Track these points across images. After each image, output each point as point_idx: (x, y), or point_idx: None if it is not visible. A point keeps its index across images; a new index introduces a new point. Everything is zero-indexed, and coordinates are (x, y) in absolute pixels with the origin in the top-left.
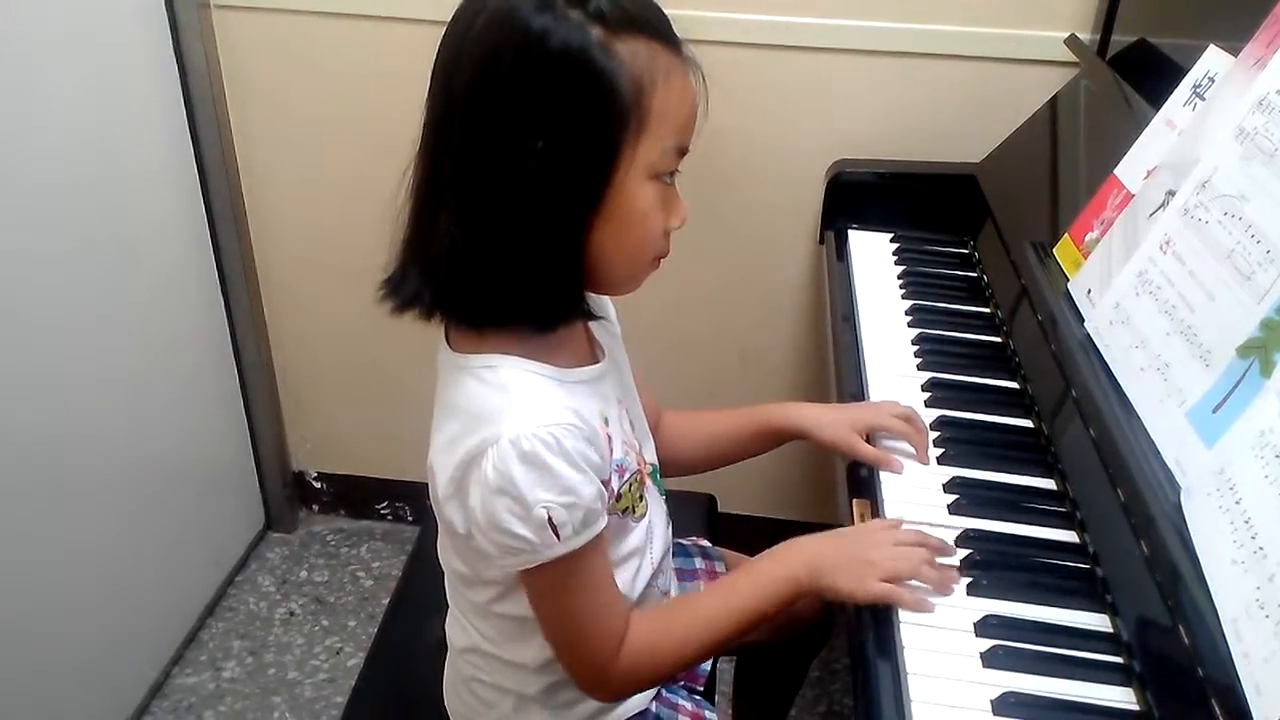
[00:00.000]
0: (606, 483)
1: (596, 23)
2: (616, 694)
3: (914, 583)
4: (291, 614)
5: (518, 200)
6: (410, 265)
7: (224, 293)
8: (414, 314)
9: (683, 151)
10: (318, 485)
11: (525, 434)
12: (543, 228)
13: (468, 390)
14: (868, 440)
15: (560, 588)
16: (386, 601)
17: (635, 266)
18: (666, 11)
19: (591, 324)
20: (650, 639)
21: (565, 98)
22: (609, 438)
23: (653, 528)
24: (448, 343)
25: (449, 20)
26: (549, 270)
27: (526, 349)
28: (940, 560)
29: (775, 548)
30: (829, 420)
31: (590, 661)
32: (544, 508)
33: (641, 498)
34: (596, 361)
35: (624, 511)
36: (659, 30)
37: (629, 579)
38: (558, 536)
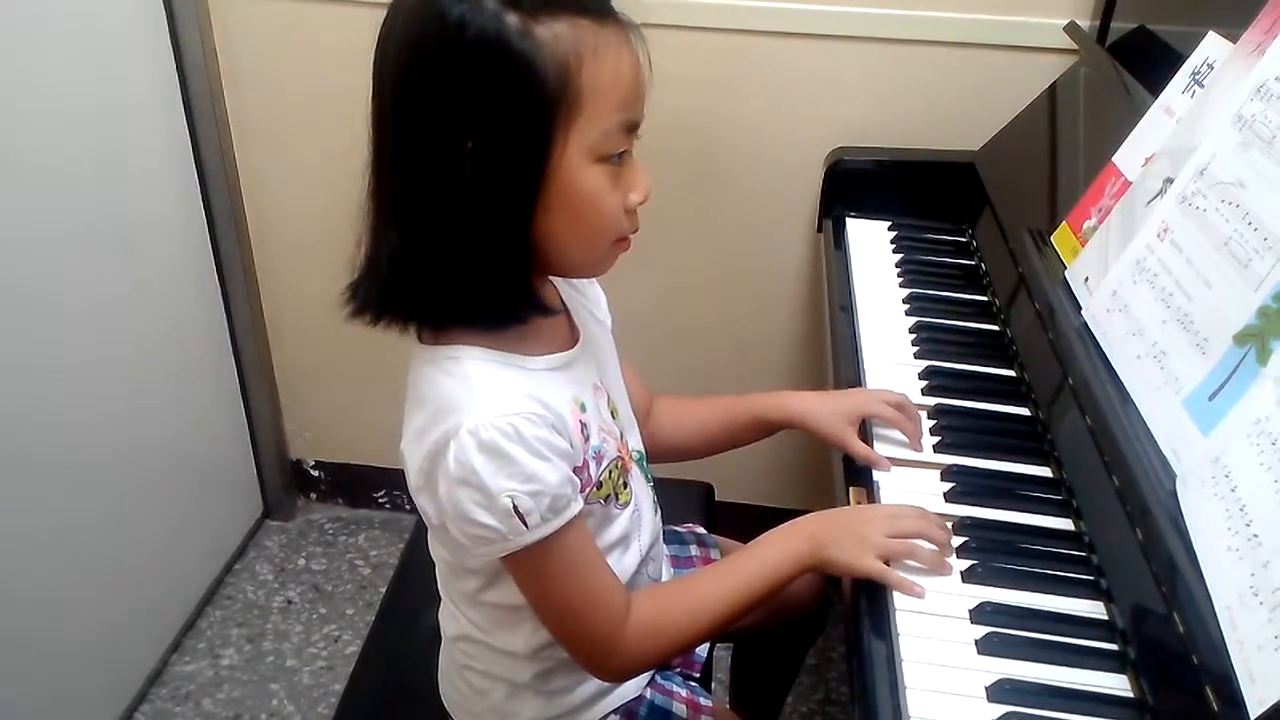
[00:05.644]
0: (582, 469)
1: (512, 8)
2: (621, 673)
3: (911, 562)
4: (289, 602)
5: (456, 200)
6: (365, 270)
7: (222, 282)
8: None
9: (632, 126)
10: (315, 474)
11: (484, 424)
12: (484, 226)
13: (433, 382)
14: (862, 427)
15: (542, 574)
16: (384, 590)
17: (595, 249)
18: None
19: (572, 308)
20: (654, 617)
21: (487, 89)
22: (582, 425)
23: (640, 515)
24: (417, 334)
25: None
26: (495, 269)
27: (490, 339)
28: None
29: (777, 527)
30: (822, 410)
31: (589, 644)
32: (508, 496)
33: (625, 485)
34: (572, 347)
35: (606, 499)
36: (583, 5)
37: (615, 567)
38: (525, 524)
